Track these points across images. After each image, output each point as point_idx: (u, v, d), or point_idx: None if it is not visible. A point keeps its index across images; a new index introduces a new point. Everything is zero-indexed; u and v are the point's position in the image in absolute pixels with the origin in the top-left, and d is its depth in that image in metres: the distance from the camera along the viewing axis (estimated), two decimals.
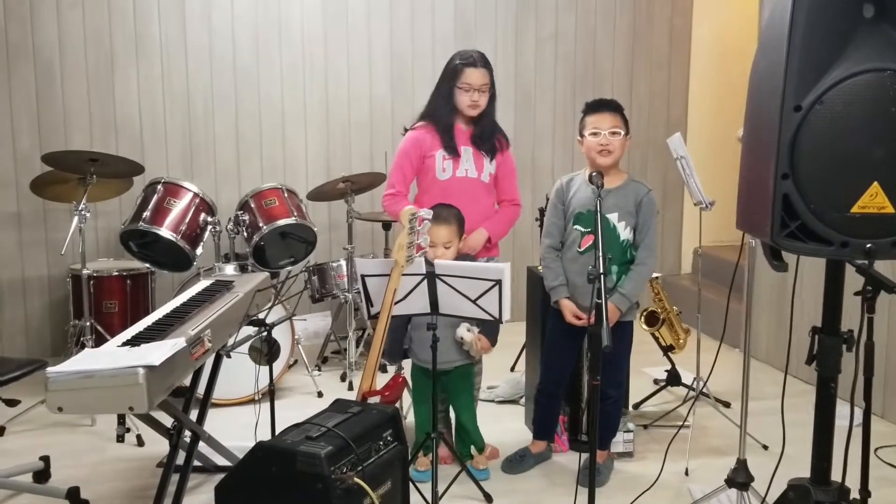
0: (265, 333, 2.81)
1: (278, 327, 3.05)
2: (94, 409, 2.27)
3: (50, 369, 2.25)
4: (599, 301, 2.40)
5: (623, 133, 3.09)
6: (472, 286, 2.77)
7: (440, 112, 3.33)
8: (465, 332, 3.05)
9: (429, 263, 2.80)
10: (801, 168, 1.48)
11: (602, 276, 2.40)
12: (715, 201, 3.49)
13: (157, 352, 2.30)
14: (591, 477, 2.63)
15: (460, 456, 3.22)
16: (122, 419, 2.76)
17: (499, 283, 2.73)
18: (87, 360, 2.31)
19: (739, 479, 2.65)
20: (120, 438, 2.31)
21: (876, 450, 3.43)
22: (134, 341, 2.49)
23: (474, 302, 2.80)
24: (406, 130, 3.44)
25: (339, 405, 2.60)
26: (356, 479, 2.25)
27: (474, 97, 3.25)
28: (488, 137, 3.35)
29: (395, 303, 2.79)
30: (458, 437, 3.31)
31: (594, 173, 2.80)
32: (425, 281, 2.80)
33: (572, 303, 3.13)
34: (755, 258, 2.58)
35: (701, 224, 3.62)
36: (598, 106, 3.14)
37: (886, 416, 3.85)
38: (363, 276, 2.84)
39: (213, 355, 2.86)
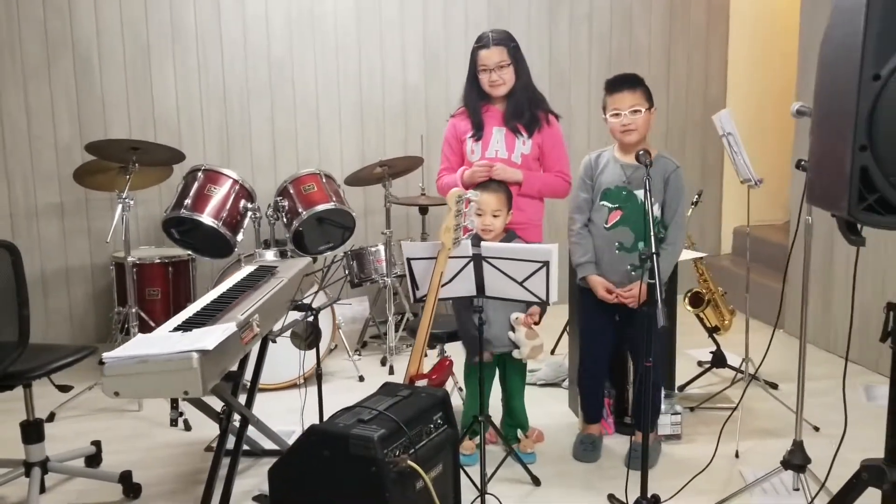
0: (311, 318, 2.81)
1: (320, 313, 3.06)
2: (149, 393, 2.29)
3: (106, 354, 2.27)
4: (652, 281, 2.38)
5: (645, 108, 3.04)
6: (519, 268, 2.74)
7: (469, 96, 3.40)
8: (519, 331, 3.03)
9: (475, 245, 2.78)
10: (880, 139, 1.42)
11: (655, 257, 2.38)
12: (763, 179, 3.42)
13: (210, 336, 2.31)
14: (644, 458, 2.61)
15: (507, 439, 3.21)
16: (174, 403, 2.78)
17: (546, 264, 2.70)
18: (141, 345, 2.34)
19: (796, 460, 2.60)
20: (174, 422, 2.33)
21: None
22: (185, 326, 2.51)
23: (521, 284, 2.77)
24: (450, 118, 3.50)
25: (388, 389, 2.59)
26: (409, 462, 2.24)
27: (492, 77, 3.29)
28: (520, 115, 3.32)
29: (441, 285, 2.78)
30: (506, 420, 3.30)
31: (641, 152, 2.75)
32: (471, 263, 2.78)
33: (602, 278, 3.11)
34: (811, 237, 2.52)
35: (749, 204, 3.55)
36: (616, 84, 3.07)
37: None
38: (409, 260, 2.83)
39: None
